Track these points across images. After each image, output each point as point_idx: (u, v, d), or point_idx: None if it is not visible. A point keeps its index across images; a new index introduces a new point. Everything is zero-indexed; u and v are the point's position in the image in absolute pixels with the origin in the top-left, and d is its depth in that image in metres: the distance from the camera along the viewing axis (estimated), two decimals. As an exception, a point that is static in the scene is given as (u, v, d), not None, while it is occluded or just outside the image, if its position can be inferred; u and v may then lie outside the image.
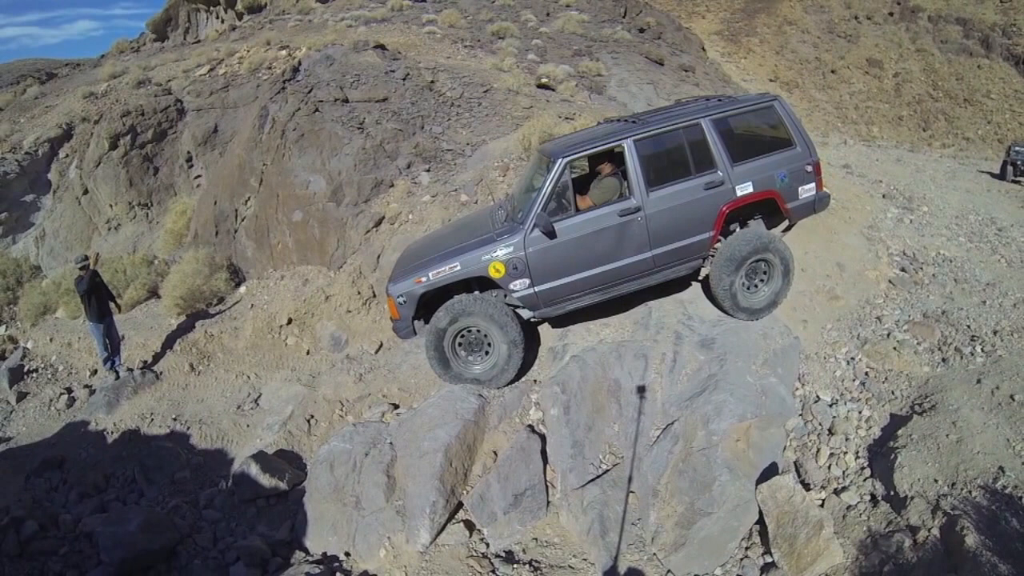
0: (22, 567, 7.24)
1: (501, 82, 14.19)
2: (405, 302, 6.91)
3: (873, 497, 5.70)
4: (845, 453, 6.16)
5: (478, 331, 6.93)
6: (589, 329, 7.39)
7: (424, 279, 6.80)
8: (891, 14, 29.82)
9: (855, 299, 7.83)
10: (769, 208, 7.07)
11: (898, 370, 6.85)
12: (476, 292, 7.03)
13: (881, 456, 5.93)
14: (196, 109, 16.53)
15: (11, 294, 14.04)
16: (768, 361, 6.57)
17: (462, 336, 7.01)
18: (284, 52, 16.88)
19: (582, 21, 20.82)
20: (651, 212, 6.63)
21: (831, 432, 6.35)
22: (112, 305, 11.09)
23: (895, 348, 7.02)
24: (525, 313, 7.04)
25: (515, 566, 5.88)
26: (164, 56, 21.37)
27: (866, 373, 6.91)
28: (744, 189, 6.74)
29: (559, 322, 7.71)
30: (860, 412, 6.48)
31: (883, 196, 10.48)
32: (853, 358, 7.07)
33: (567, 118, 11.81)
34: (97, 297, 10.53)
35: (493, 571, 5.88)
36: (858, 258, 8.41)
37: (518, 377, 7.26)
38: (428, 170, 11.30)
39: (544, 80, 15.16)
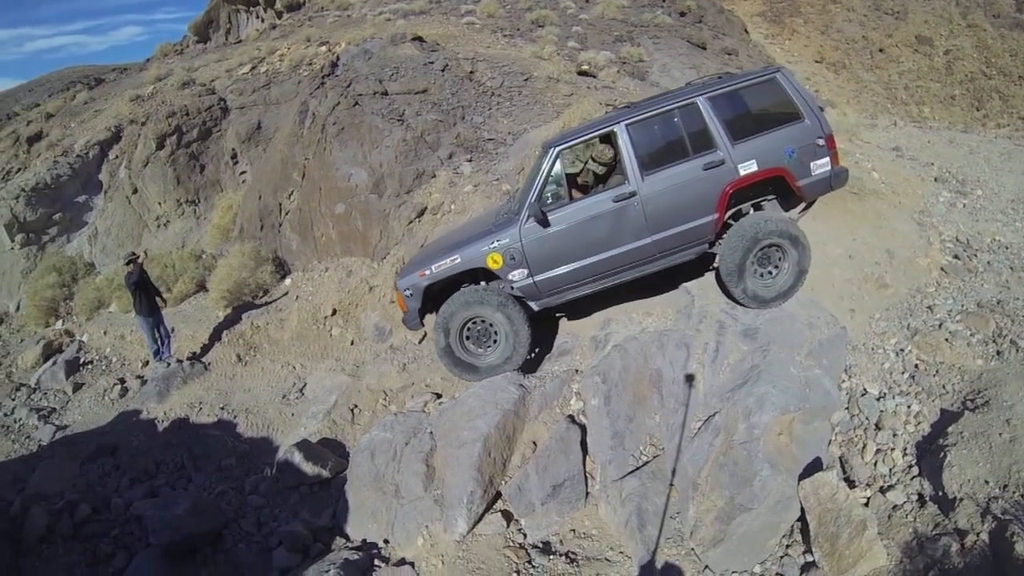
0: (75, 548, 7.50)
1: (541, 70, 14.06)
2: (411, 295, 7.06)
3: (920, 497, 5.48)
4: (892, 450, 5.93)
5: (482, 322, 6.97)
6: (631, 317, 7.25)
7: (427, 272, 6.94)
8: (941, -11, 28.80)
9: (905, 288, 7.48)
10: (781, 187, 6.72)
11: (950, 363, 6.52)
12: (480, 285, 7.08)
13: (930, 454, 5.67)
14: (239, 107, 16.79)
15: (67, 290, 14.52)
16: (813, 352, 6.34)
17: (468, 331, 7.08)
18: (323, 48, 17.03)
19: (621, 6, 20.51)
20: (647, 196, 6.45)
21: (878, 427, 6.10)
22: (159, 300, 11.43)
23: (947, 340, 6.67)
24: (533, 305, 7.03)
25: (551, 557, 5.83)
26: (207, 57, 21.78)
27: (916, 366, 6.59)
28: (747, 168, 6.42)
29: (578, 312, 7.59)
30: (909, 407, 6.20)
31: (935, 179, 10.02)
32: (902, 350, 6.76)
33: (609, 105, 11.62)
34: (145, 292, 10.89)
35: (529, 562, 5.85)
36: (909, 244, 8.05)
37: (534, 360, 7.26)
38: (470, 160, 11.26)
39: (585, 67, 14.98)
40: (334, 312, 10.90)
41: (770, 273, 6.67)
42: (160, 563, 6.99)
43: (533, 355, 7.58)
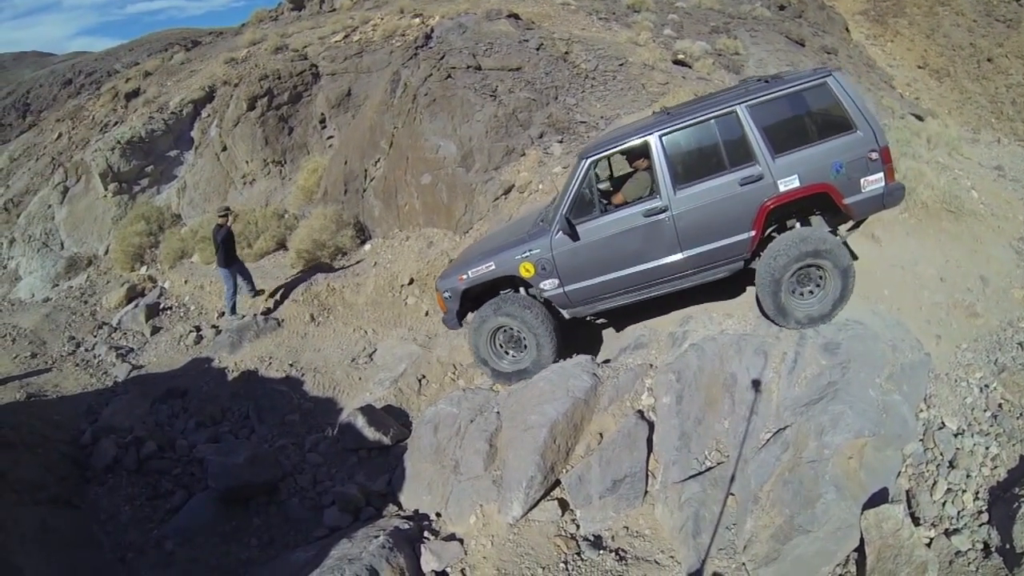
0: (138, 481, 7.82)
1: (636, 56, 13.72)
2: (450, 297, 7.24)
3: (986, 547, 5.08)
4: (964, 492, 5.50)
5: (512, 329, 7.08)
6: (712, 317, 6.96)
7: (465, 276, 7.09)
8: (1060, -1, 26.82)
9: (996, 319, 6.88)
10: (827, 204, 6.18)
11: (1037, 407, 5.98)
12: (519, 290, 7.21)
13: (1003, 502, 5.22)
14: (330, 73, 16.96)
15: (153, 238, 15.02)
16: (894, 376, 5.92)
17: (500, 336, 7.23)
18: (417, 20, 17.01)
19: (719, -3, 19.97)
20: (679, 212, 6.16)
21: (952, 465, 5.66)
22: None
23: (1036, 381, 6.10)
24: (564, 313, 7.08)
25: (601, 552, 5.66)
26: (300, 24, 22.08)
27: (999, 405, 6.06)
28: (789, 183, 5.94)
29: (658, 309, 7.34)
30: (987, 448, 5.72)
31: (1039, 205, 9.28)
32: (987, 385, 6.23)
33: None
34: (227, 246, 11.19)
35: (579, 553, 5.70)
36: (1005, 273, 7.40)
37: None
38: (560, 141, 11.07)
39: (680, 56, 14.57)
40: (411, 281, 10.90)
41: (811, 292, 6.24)
42: (216, 506, 7.19)
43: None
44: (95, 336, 12.31)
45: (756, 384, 6.02)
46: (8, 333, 12.22)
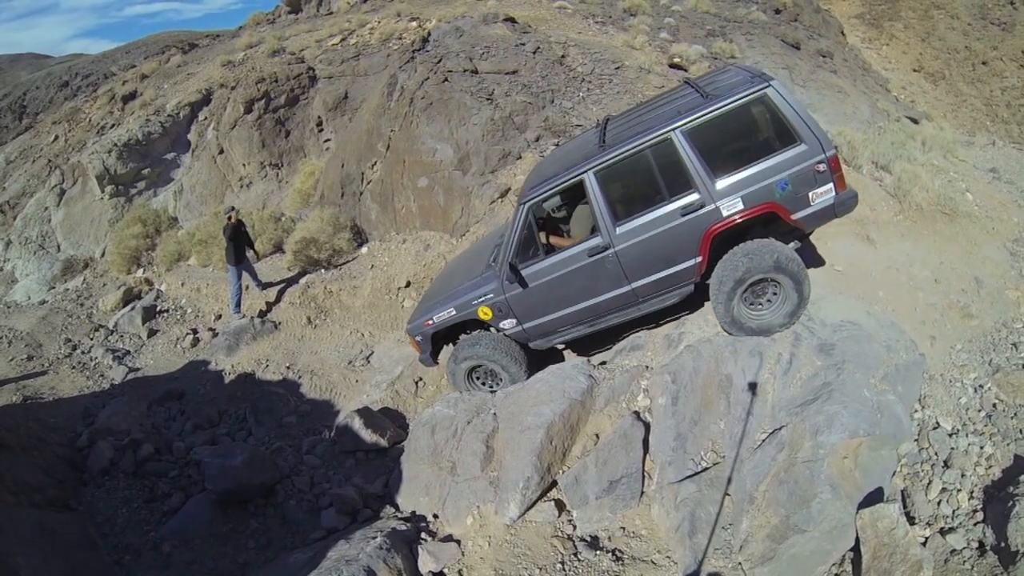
0: (135, 483, 7.83)
1: (632, 60, 13.76)
2: (422, 340, 7.48)
3: (981, 545, 5.12)
4: (959, 491, 5.54)
5: (486, 363, 7.23)
6: (707, 319, 6.95)
7: (431, 322, 7.30)
8: (1054, 2, 26.90)
9: (991, 320, 6.97)
10: (776, 222, 5.95)
11: (1031, 407, 6.03)
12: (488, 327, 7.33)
13: (998, 501, 5.27)
14: (327, 77, 16.98)
15: (150, 241, 15.02)
16: (888, 376, 5.93)
17: (477, 371, 7.39)
18: (414, 24, 17.05)
19: (716, 0, 20.00)
20: (621, 248, 6.10)
21: (947, 465, 5.71)
22: (251, 253, 12.06)
23: (1030, 381, 6.15)
24: (531, 345, 7.23)
25: (598, 553, 5.69)
26: (298, 27, 22.06)
27: (994, 405, 6.13)
28: (732, 207, 5.72)
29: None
30: (982, 447, 5.77)
31: (1033, 207, 9.35)
32: (981, 386, 6.30)
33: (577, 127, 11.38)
34: (236, 243, 11.33)
35: (575, 554, 5.72)
36: (999, 275, 7.52)
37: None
38: (557, 144, 11.07)
39: (676, 60, 14.58)
40: (408, 284, 10.92)
41: (762, 305, 6.13)
42: (213, 508, 7.22)
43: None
44: (92, 339, 12.31)
45: (752, 385, 6.02)
46: (4, 336, 12.21)
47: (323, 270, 12.19)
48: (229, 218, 11.67)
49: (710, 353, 6.36)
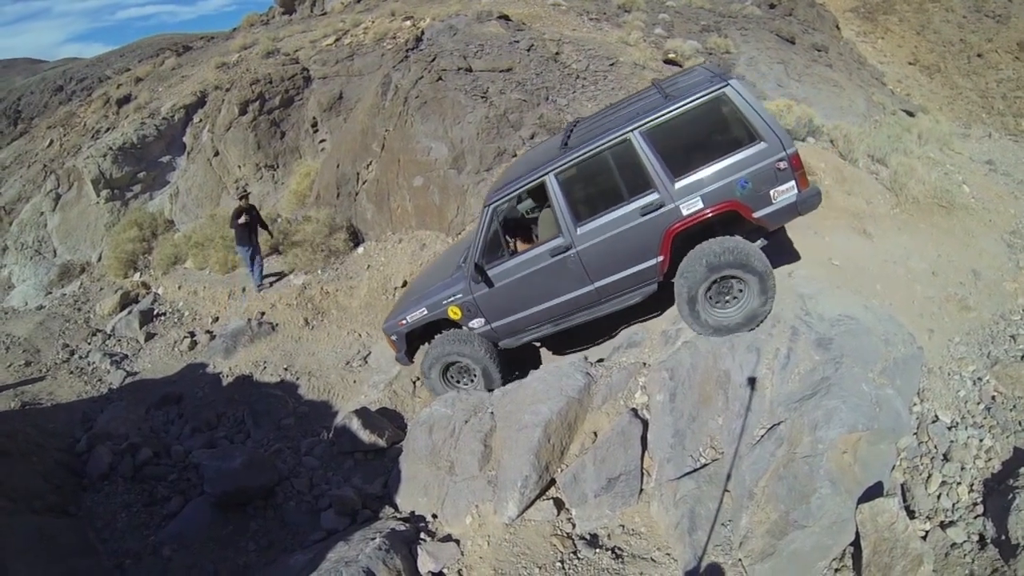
0: (134, 487, 7.81)
1: (627, 56, 13.75)
2: (397, 339, 7.72)
3: (982, 538, 5.10)
4: (958, 484, 5.52)
5: (460, 361, 7.42)
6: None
7: (404, 322, 7.55)
8: (1049, -8, 26.85)
9: (989, 312, 6.97)
10: (737, 220, 6.00)
11: (1030, 398, 6.01)
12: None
13: (998, 494, 5.26)
14: (322, 77, 16.93)
15: (146, 245, 14.99)
16: (887, 370, 5.93)
17: (452, 369, 7.58)
18: (408, 23, 16.99)
19: (709, -5, 19.99)
20: (583, 248, 6.22)
21: (946, 458, 5.68)
22: (266, 234, 12.46)
23: (1029, 373, 6.13)
24: (501, 344, 7.42)
25: (597, 551, 5.69)
26: (292, 28, 22.00)
27: (993, 397, 6.11)
28: (692, 206, 5.80)
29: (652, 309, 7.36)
30: (981, 440, 5.74)
31: (1029, 199, 9.34)
32: (980, 378, 6.28)
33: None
34: (247, 227, 11.68)
35: (575, 552, 5.72)
36: (996, 267, 7.53)
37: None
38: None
39: (671, 55, 14.60)
40: (405, 283, 10.93)
41: (727, 303, 6.16)
42: (212, 511, 7.19)
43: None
44: (89, 343, 12.28)
45: (750, 381, 6.01)
46: (2, 342, 12.19)
47: (320, 271, 12.17)
48: (242, 199, 11.91)
49: (708, 349, 6.36)
